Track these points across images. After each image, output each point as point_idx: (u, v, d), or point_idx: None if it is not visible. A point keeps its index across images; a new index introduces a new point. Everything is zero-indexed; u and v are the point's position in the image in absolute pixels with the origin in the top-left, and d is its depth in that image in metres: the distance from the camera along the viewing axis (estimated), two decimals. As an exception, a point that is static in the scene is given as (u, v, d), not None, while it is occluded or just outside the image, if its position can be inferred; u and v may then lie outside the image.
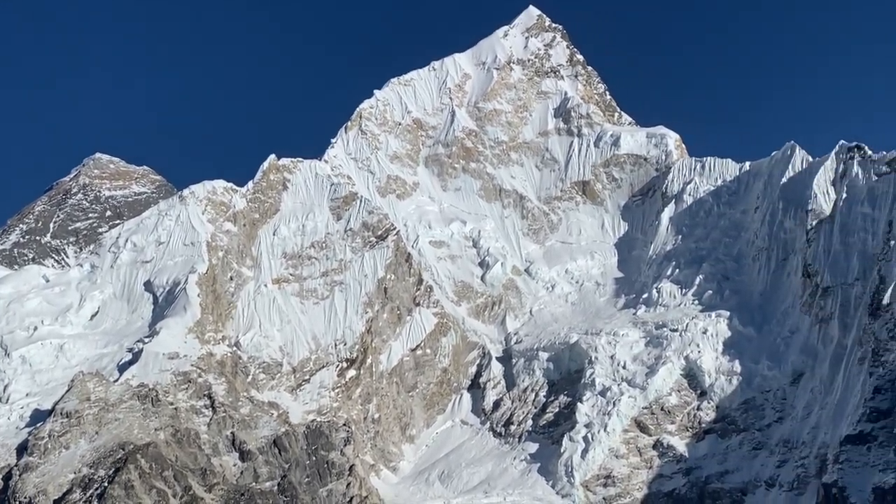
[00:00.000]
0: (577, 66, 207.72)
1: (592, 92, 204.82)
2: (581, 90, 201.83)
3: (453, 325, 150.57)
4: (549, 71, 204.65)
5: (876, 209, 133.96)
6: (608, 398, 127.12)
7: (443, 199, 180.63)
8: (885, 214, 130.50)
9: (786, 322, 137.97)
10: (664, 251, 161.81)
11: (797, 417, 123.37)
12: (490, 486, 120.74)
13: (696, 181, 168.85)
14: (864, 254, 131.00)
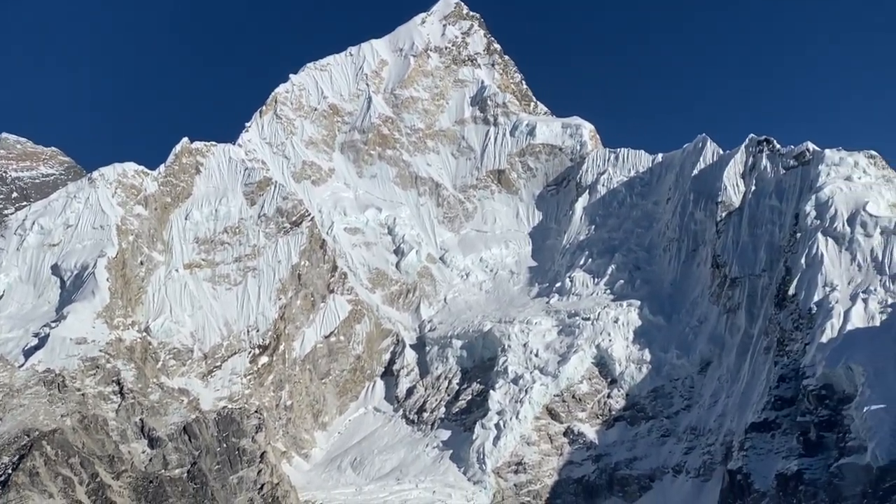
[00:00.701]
0: (494, 54, 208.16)
1: (509, 81, 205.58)
2: (498, 79, 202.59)
3: (367, 312, 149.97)
4: (467, 59, 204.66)
5: (783, 202, 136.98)
6: (520, 386, 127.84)
7: (358, 185, 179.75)
8: (792, 207, 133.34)
9: (695, 312, 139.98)
10: (577, 241, 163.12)
11: (704, 405, 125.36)
12: (402, 474, 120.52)
13: (610, 172, 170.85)
14: (771, 245, 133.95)
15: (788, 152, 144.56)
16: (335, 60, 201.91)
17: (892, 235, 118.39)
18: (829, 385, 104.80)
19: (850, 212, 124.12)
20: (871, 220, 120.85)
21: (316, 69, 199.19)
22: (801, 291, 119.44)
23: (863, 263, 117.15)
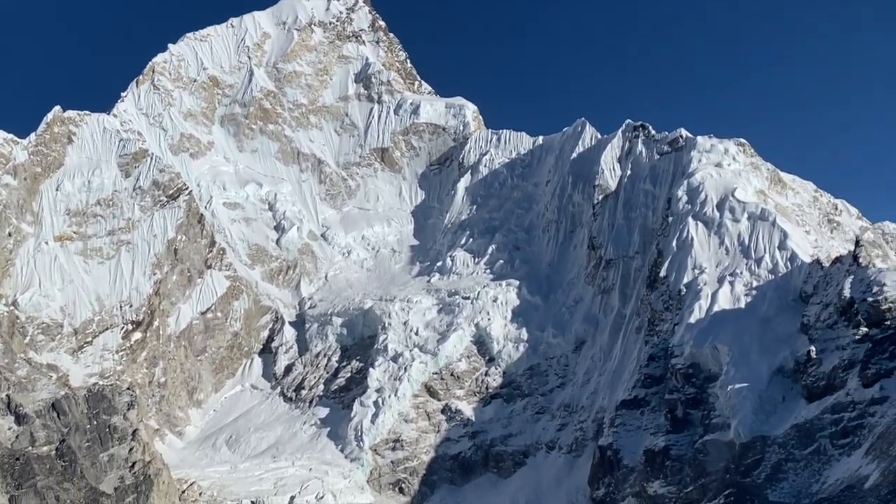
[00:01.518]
0: (378, 32, 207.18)
1: (394, 59, 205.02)
2: (382, 57, 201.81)
3: (246, 288, 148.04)
4: (351, 35, 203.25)
5: (657, 186, 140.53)
6: (400, 364, 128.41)
7: (239, 160, 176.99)
8: (665, 192, 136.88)
9: (571, 292, 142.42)
10: (459, 220, 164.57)
11: (578, 383, 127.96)
12: (279, 451, 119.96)
13: (492, 153, 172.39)
14: (645, 228, 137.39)
15: (663, 138, 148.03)
16: (216, 31, 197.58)
17: (759, 221, 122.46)
18: (695, 364, 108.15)
19: (719, 197, 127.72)
20: (739, 205, 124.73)
21: (196, 39, 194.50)
22: (671, 273, 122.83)
23: (730, 247, 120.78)
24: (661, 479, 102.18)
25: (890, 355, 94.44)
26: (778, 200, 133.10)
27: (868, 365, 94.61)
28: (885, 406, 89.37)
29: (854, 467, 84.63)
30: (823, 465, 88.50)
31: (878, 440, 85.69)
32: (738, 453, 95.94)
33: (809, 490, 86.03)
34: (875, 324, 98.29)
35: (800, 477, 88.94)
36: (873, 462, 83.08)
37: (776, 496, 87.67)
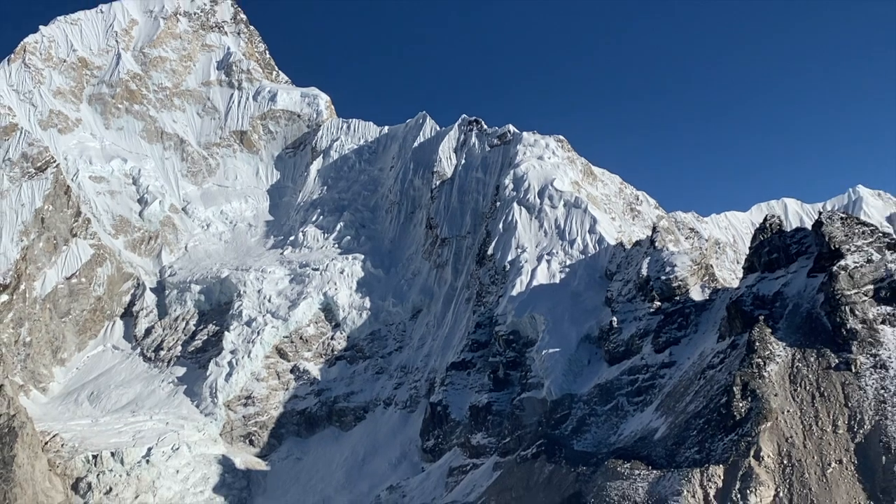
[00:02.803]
0: (240, 24, 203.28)
1: (254, 50, 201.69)
2: (243, 47, 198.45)
3: (109, 256, 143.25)
4: (214, 26, 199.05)
5: (487, 174, 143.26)
6: (253, 328, 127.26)
7: (105, 136, 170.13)
8: (494, 180, 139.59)
9: (409, 266, 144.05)
10: (311, 199, 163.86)
11: (413, 347, 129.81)
12: (137, 406, 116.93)
13: (342, 139, 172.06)
14: (476, 212, 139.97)
15: (493, 132, 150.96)
16: (86, 16, 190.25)
17: (573, 208, 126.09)
18: (516, 331, 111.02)
19: (540, 186, 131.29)
20: (557, 194, 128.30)
21: (66, 23, 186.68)
22: (497, 252, 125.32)
23: (548, 230, 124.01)
24: (483, 431, 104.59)
25: (678, 326, 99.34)
26: (589, 190, 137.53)
27: (660, 334, 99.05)
28: (672, 369, 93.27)
29: (646, 421, 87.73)
30: (620, 419, 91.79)
31: (666, 398, 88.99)
32: (549, 409, 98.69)
33: (608, 441, 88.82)
34: (667, 299, 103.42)
35: (601, 429, 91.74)
36: (662, 417, 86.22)
37: (580, 446, 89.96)
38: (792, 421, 74.84)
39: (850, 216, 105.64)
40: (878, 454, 70.44)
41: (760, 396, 77.65)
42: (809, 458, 71.38)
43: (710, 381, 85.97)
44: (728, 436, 76.67)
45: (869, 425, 73.08)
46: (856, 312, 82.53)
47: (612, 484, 78.51)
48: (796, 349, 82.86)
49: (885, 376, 75.88)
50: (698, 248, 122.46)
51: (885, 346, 78.76)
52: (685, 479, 73.48)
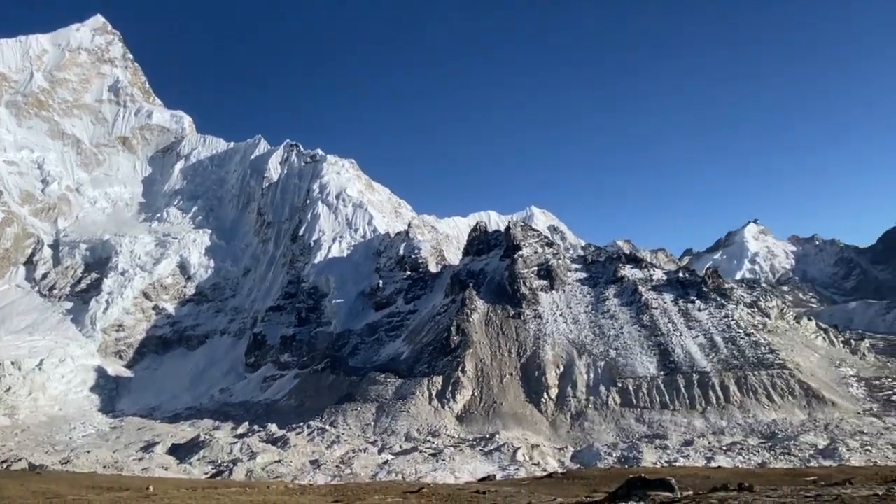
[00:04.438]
0: (127, 60, 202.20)
1: (137, 80, 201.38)
2: (129, 77, 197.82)
3: (17, 219, 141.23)
4: (108, 60, 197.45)
5: (302, 181, 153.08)
6: (126, 276, 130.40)
7: (17, 132, 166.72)
8: (306, 185, 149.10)
9: (244, 240, 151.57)
10: (174, 189, 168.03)
11: (244, 295, 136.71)
12: (34, 329, 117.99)
13: (199, 149, 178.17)
14: (293, 206, 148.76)
15: (308, 153, 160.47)
16: (7, 43, 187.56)
17: (358, 208, 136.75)
18: (315, 287, 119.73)
19: (337, 191, 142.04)
20: (348, 198, 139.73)
21: None
22: (306, 234, 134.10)
23: (341, 221, 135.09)
24: (288, 352, 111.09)
25: (420, 287, 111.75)
26: (370, 197, 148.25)
27: (409, 292, 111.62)
28: (415, 315, 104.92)
29: (396, 348, 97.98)
30: (380, 346, 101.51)
31: (410, 333, 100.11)
32: (334, 339, 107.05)
33: (371, 360, 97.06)
34: (414, 270, 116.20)
35: (367, 352, 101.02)
36: (406, 345, 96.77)
37: (353, 363, 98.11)
38: (484, 349, 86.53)
39: (526, 225, 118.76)
40: (534, 370, 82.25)
41: (467, 333, 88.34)
42: (494, 372, 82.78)
43: (438, 324, 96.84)
44: (446, 357, 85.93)
45: (529, 352, 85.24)
46: (526, 284, 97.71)
47: (372, 387, 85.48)
48: (490, 305, 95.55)
49: (541, 323, 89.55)
50: (436, 239, 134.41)
51: (541, 305, 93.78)
52: (418, 385, 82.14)
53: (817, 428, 67.82)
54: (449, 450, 64.40)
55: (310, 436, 73.02)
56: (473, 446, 66.29)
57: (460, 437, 71.34)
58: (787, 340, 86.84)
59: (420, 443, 69.23)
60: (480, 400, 78.75)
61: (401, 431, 73.72)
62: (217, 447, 67.22)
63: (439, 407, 78.09)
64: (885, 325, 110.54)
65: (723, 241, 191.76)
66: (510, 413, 75.77)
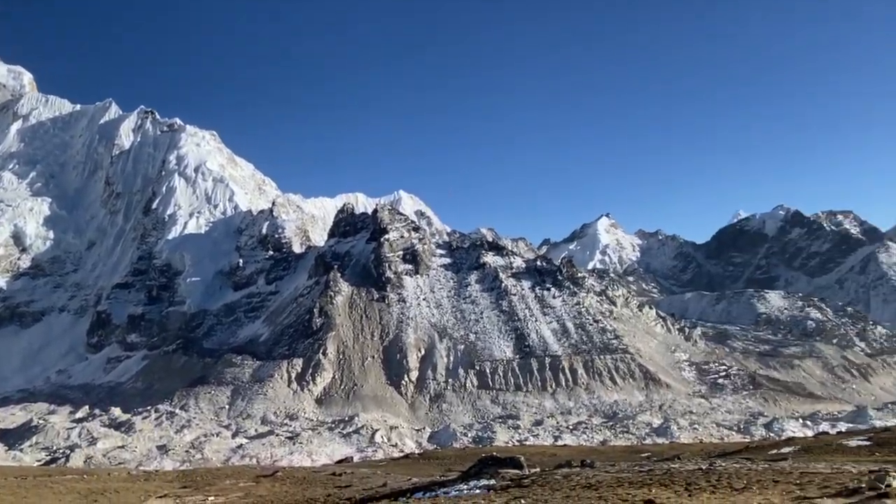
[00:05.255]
0: None
1: None
2: None
3: None
4: None
5: (157, 151, 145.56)
6: None
7: None
8: (162, 155, 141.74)
9: (89, 210, 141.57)
10: (10, 152, 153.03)
11: (87, 270, 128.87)
12: None
13: (41, 109, 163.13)
14: (146, 176, 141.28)
15: (164, 122, 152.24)
16: None
17: (219, 182, 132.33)
18: (168, 264, 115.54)
19: (196, 164, 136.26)
20: (208, 171, 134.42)
21: None
22: (160, 207, 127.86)
23: (199, 196, 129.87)
24: (136, 332, 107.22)
25: (283, 268, 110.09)
26: (231, 172, 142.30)
27: (271, 272, 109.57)
28: (277, 296, 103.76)
29: (255, 329, 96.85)
30: (238, 327, 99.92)
31: (270, 314, 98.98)
32: (188, 319, 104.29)
33: (228, 341, 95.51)
34: (277, 249, 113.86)
35: (224, 334, 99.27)
36: (266, 326, 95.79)
37: (208, 344, 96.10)
38: (347, 331, 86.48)
39: (394, 209, 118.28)
40: (396, 353, 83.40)
41: (330, 315, 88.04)
42: (356, 355, 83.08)
43: (300, 305, 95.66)
44: (307, 340, 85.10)
45: (392, 336, 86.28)
46: (391, 267, 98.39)
47: (227, 370, 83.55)
48: (355, 287, 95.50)
49: (404, 307, 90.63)
50: (301, 219, 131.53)
51: (405, 289, 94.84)
52: (277, 367, 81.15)
53: (653, 408, 73.56)
54: (307, 433, 64.12)
55: (157, 420, 70.37)
56: (332, 429, 66.33)
57: (319, 419, 71.26)
58: (630, 327, 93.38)
59: (277, 426, 68.68)
60: (341, 382, 79.03)
61: (257, 415, 72.66)
62: (52, 432, 63.48)
63: (298, 390, 77.66)
64: (715, 314, 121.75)
65: (578, 233, 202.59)
66: (370, 395, 76.48)
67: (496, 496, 10.06)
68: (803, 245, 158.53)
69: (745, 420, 69.56)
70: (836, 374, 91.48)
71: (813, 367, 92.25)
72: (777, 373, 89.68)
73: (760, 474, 10.05)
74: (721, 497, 7.99)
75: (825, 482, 8.52)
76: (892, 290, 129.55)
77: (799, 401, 79.37)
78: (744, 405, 75.95)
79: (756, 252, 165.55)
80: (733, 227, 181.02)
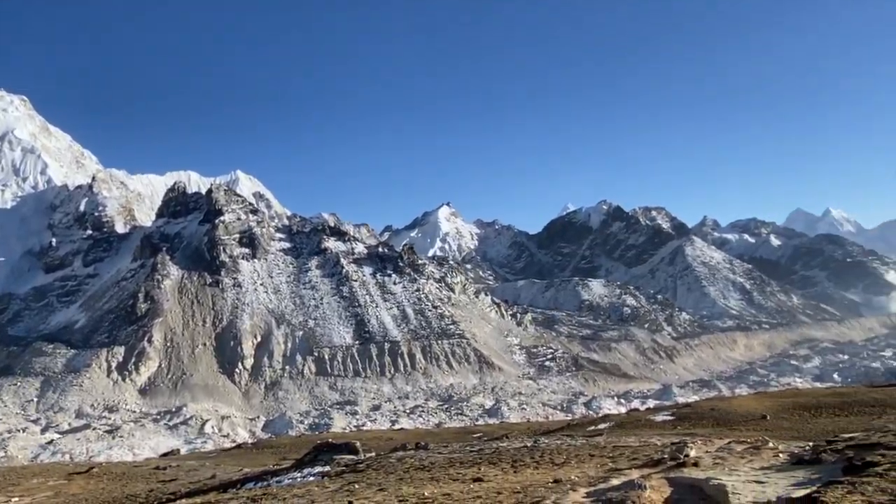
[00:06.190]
0: None
1: None
2: None
3: None
4: None
5: None
6: None
7: None
8: None
9: None
10: None
11: None
12: None
13: None
14: None
15: None
16: None
17: (29, 153, 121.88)
18: None
19: (2, 132, 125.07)
20: (16, 140, 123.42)
21: None
22: None
23: (6, 167, 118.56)
24: None
25: (104, 249, 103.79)
26: (45, 142, 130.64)
27: (89, 253, 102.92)
28: (96, 279, 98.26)
29: (70, 315, 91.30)
30: (50, 313, 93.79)
31: (88, 299, 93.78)
32: None
33: (38, 328, 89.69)
34: (97, 229, 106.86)
35: (33, 320, 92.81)
36: (83, 312, 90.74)
37: (14, 332, 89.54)
38: (176, 318, 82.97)
39: (231, 189, 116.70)
40: (230, 340, 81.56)
41: (157, 301, 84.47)
42: (185, 342, 79.83)
43: (123, 289, 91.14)
44: (131, 326, 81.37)
45: (226, 322, 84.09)
46: (226, 251, 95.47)
47: (37, 359, 78.30)
48: (185, 271, 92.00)
49: (240, 292, 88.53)
50: (126, 197, 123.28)
51: (241, 273, 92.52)
52: (95, 356, 77.05)
53: (486, 390, 76.73)
54: (128, 425, 60.90)
55: (-51, 417, 61.06)
56: (157, 420, 63.41)
57: (143, 411, 68.01)
58: (466, 313, 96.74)
59: (94, 419, 64.70)
60: (168, 371, 75.90)
61: (71, 408, 68.09)
62: None
63: (119, 380, 73.76)
64: (544, 301, 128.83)
65: (419, 220, 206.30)
66: (201, 384, 73.99)
67: (330, 482, 10.00)
68: (622, 238, 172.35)
69: (568, 399, 74.71)
70: (647, 356, 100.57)
71: (627, 350, 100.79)
72: (597, 355, 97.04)
73: (579, 449, 10.82)
74: (543, 472, 8.50)
75: (634, 454, 9.33)
76: (695, 280, 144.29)
77: (615, 380, 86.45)
78: (567, 385, 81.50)
79: (582, 243, 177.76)
80: (562, 220, 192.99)
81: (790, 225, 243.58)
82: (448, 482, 8.48)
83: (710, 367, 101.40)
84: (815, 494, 3.45)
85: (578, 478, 6.90)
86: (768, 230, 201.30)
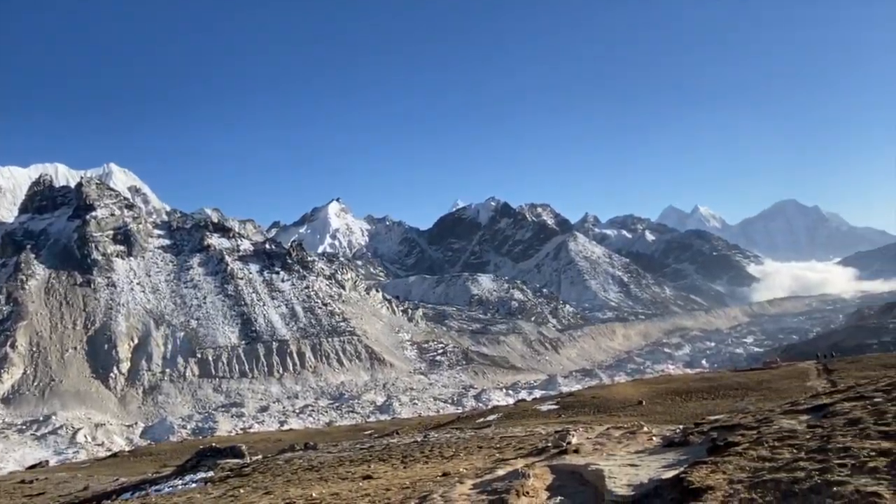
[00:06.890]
0: None
1: None
2: None
3: None
4: None
5: None
6: None
7: None
8: None
9: None
10: None
11: None
12: None
13: None
14: None
15: None
16: None
17: None
18: None
19: None
20: None
21: None
22: None
23: None
24: None
25: None
26: None
27: None
28: None
29: None
30: None
31: None
32: None
33: None
34: None
35: None
36: None
37: None
38: (43, 321, 78.50)
39: (103, 183, 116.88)
40: (103, 343, 78.20)
41: (21, 303, 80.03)
42: (53, 347, 75.48)
43: None
44: None
45: (99, 324, 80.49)
46: (99, 248, 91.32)
47: None
48: (53, 271, 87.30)
49: (114, 292, 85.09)
50: None
51: (116, 272, 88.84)
52: None
53: (377, 387, 76.78)
54: (-12, 438, 56.04)
55: None
56: (23, 431, 59.56)
57: (6, 421, 63.63)
58: (357, 309, 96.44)
59: None
60: (35, 378, 71.26)
61: None
62: None
63: None
64: (435, 296, 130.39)
65: (308, 216, 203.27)
66: (72, 391, 69.92)
67: (214, 488, 9.65)
68: (510, 233, 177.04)
69: (459, 393, 76.08)
70: (534, 348, 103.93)
71: (515, 342, 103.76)
72: (486, 348, 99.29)
73: (468, 442, 11.02)
74: (433, 466, 8.59)
75: (520, 444, 9.60)
76: (577, 274, 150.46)
77: (503, 372, 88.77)
78: (458, 379, 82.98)
79: (471, 239, 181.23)
80: (452, 216, 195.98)
81: (663, 221, 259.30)
82: (337, 481, 8.41)
83: (592, 356, 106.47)
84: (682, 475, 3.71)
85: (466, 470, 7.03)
86: (643, 226, 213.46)
